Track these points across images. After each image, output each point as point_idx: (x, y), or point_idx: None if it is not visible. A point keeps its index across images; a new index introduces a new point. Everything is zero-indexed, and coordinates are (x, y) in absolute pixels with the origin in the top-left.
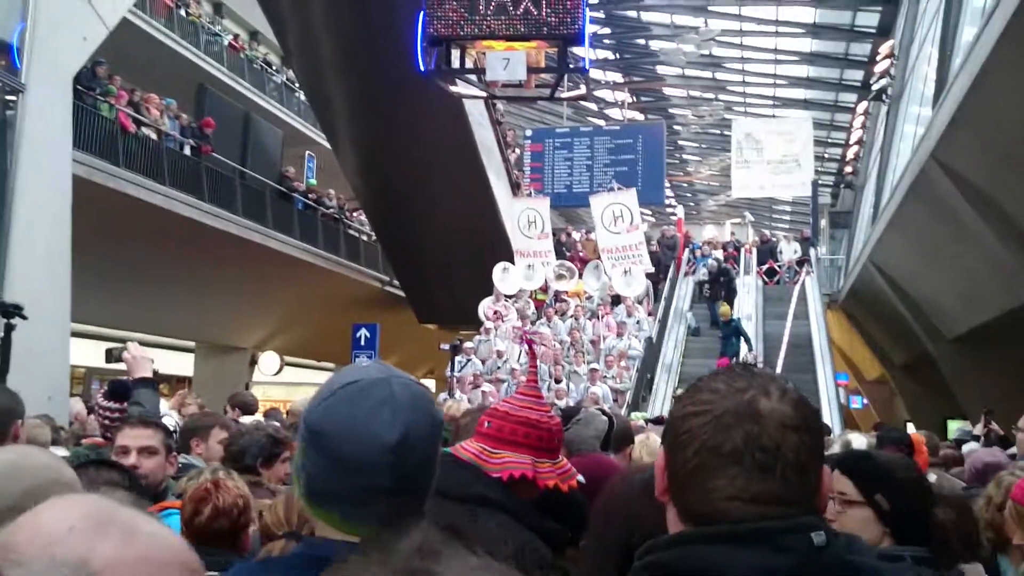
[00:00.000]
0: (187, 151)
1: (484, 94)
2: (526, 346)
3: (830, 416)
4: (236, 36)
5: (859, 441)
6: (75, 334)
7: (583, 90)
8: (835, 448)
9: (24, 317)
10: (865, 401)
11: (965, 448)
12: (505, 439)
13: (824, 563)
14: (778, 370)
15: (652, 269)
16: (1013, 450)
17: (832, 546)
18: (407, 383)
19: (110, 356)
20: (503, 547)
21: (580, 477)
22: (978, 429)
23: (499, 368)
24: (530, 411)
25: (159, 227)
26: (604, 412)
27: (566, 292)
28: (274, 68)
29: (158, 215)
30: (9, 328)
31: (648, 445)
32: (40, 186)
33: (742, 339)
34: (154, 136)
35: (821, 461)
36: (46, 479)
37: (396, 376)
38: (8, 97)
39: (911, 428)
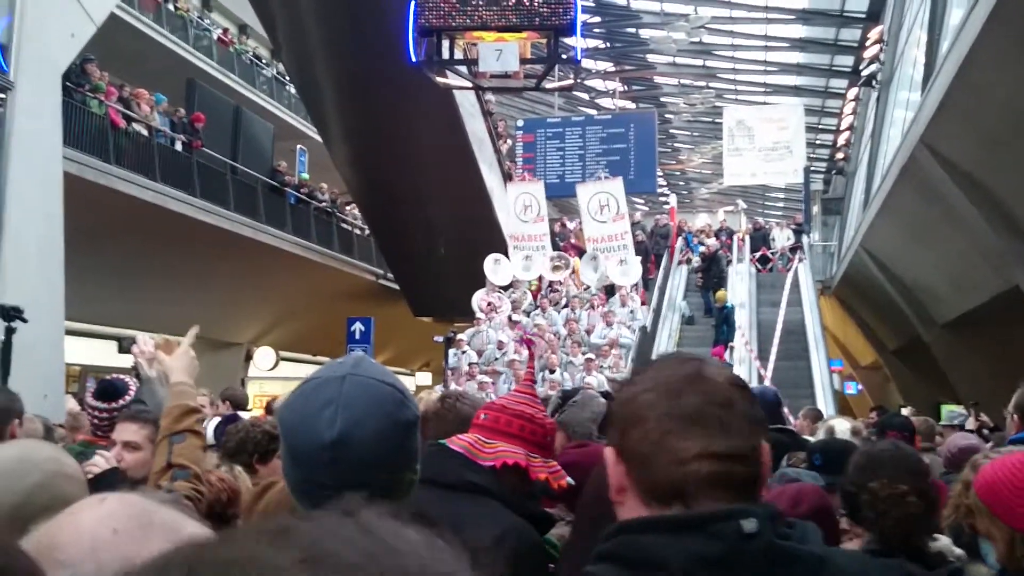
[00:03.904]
0: (178, 146)
1: (470, 85)
2: (525, 346)
3: (824, 402)
4: (225, 30)
5: (842, 426)
6: (69, 332)
7: (571, 80)
8: (820, 434)
9: (24, 320)
10: (860, 387)
11: None
12: (500, 430)
13: (753, 550)
14: (772, 357)
15: (638, 258)
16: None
17: (763, 534)
18: (366, 382)
19: (122, 348)
20: (486, 530)
21: (570, 479)
22: (970, 423)
23: (497, 359)
24: (526, 407)
25: (151, 223)
26: (609, 396)
27: (559, 281)
28: (264, 62)
29: (150, 211)
30: (10, 331)
31: None
32: (31, 184)
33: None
34: (144, 132)
35: (764, 429)
36: (52, 472)
37: (357, 374)
38: None
39: (905, 412)
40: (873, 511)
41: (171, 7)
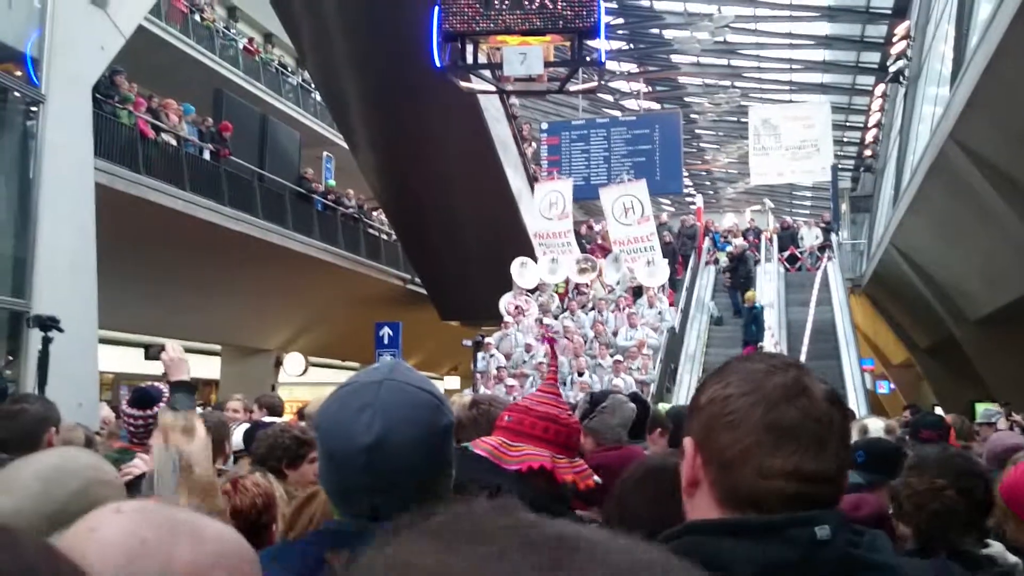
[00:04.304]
0: (206, 155)
1: (494, 89)
2: (548, 345)
3: (856, 402)
4: (251, 39)
5: (876, 425)
6: (101, 340)
7: (595, 82)
8: (853, 434)
9: (60, 330)
10: (892, 386)
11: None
12: (525, 432)
13: (826, 557)
14: (802, 357)
15: (665, 259)
16: None
17: (836, 540)
18: (403, 387)
19: (148, 354)
20: None
21: (597, 478)
22: (1002, 423)
23: (525, 362)
24: (550, 407)
25: (181, 232)
26: (638, 398)
27: (586, 284)
28: (289, 70)
29: (179, 220)
30: (47, 341)
31: None
32: (64, 195)
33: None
34: (173, 142)
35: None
36: (90, 479)
37: (394, 379)
38: (29, 108)
39: (939, 411)
40: (911, 504)
41: (198, 18)
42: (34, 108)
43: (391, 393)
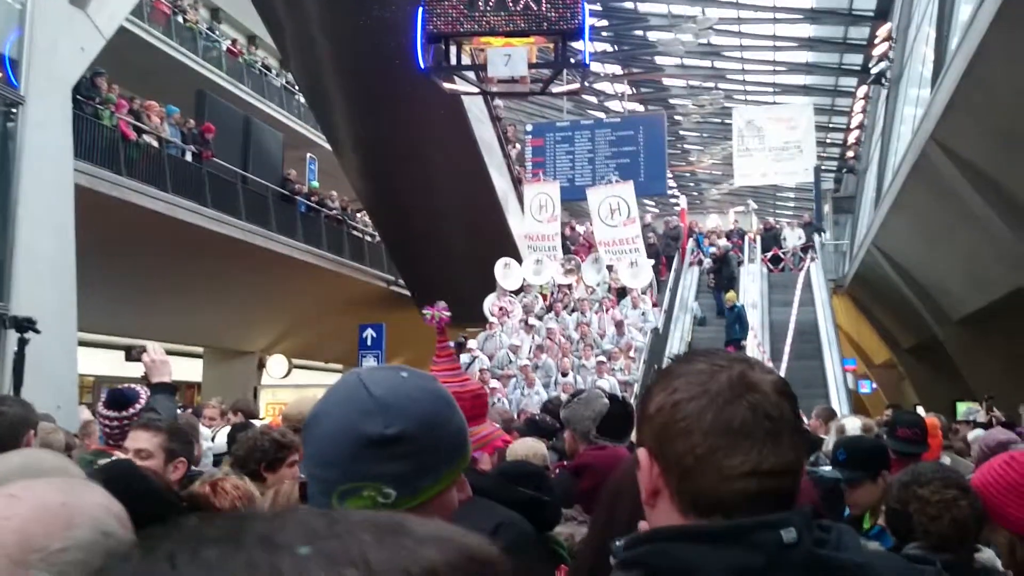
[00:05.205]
0: (188, 157)
1: (477, 90)
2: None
3: (838, 401)
4: (234, 41)
5: (853, 424)
6: (82, 343)
7: (578, 84)
8: (832, 433)
9: (37, 331)
10: (874, 385)
11: (971, 435)
12: (467, 416)
13: (792, 560)
14: (785, 357)
15: (651, 262)
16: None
17: (803, 543)
18: (352, 383)
19: (129, 356)
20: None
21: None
22: (981, 416)
23: (511, 363)
24: (467, 383)
25: (163, 234)
26: (617, 400)
27: (568, 285)
28: (273, 71)
29: (161, 222)
30: (23, 342)
31: None
32: (43, 197)
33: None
34: (155, 143)
35: (806, 438)
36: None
37: (359, 374)
38: (9, 110)
39: (921, 411)
40: (924, 516)
41: (181, 19)
42: (13, 110)
43: (340, 384)
